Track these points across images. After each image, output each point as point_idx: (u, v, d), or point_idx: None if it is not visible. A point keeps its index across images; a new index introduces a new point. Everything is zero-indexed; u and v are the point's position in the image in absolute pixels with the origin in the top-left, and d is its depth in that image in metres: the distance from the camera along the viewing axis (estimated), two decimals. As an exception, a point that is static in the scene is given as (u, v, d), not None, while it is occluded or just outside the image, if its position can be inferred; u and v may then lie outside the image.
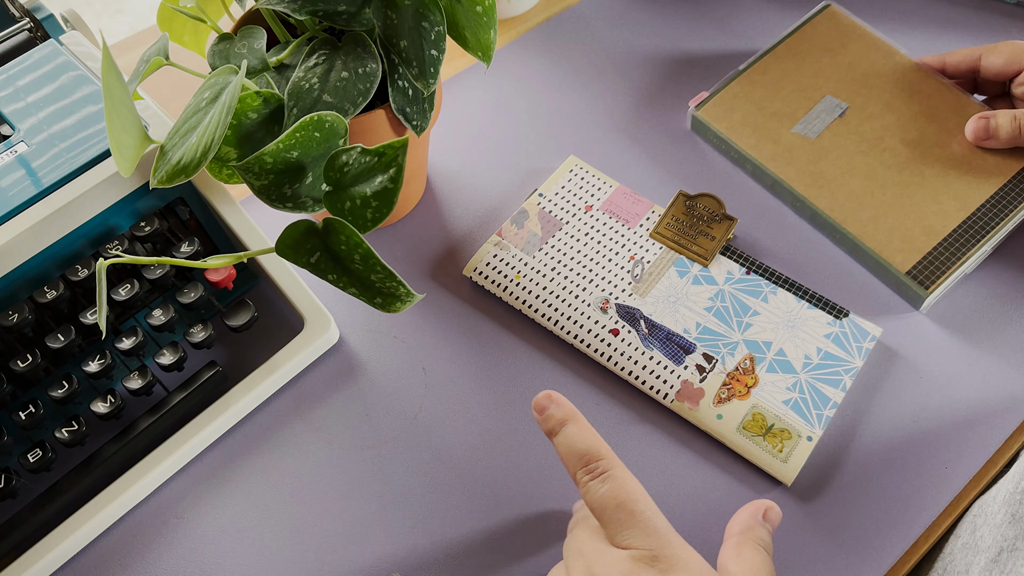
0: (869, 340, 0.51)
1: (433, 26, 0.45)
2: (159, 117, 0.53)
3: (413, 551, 0.47)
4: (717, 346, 0.52)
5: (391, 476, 0.50)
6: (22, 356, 0.48)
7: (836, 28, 0.64)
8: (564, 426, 0.40)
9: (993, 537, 0.42)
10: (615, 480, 0.38)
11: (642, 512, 0.37)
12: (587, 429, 0.40)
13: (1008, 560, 0.40)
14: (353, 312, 0.56)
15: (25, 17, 0.57)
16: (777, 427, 0.49)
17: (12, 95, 0.51)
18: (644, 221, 0.57)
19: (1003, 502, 0.43)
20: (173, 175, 0.43)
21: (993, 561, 0.41)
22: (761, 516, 0.41)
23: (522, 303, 0.54)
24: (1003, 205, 0.55)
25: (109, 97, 0.40)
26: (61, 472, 0.50)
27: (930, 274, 0.53)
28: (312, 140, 0.43)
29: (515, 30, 0.71)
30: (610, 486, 0.38)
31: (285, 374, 0.52)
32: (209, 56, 0.48)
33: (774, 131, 0.60)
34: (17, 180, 0.48)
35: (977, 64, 0.59)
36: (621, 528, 0.37)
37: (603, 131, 0.64)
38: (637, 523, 0.37)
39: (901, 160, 0.57)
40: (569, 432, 0.39)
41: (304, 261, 0.43)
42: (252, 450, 0.51)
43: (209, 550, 0.48)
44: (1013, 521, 0.41)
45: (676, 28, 0.70)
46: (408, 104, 0.48)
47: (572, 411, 0.40)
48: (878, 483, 0.48)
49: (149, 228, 0.51)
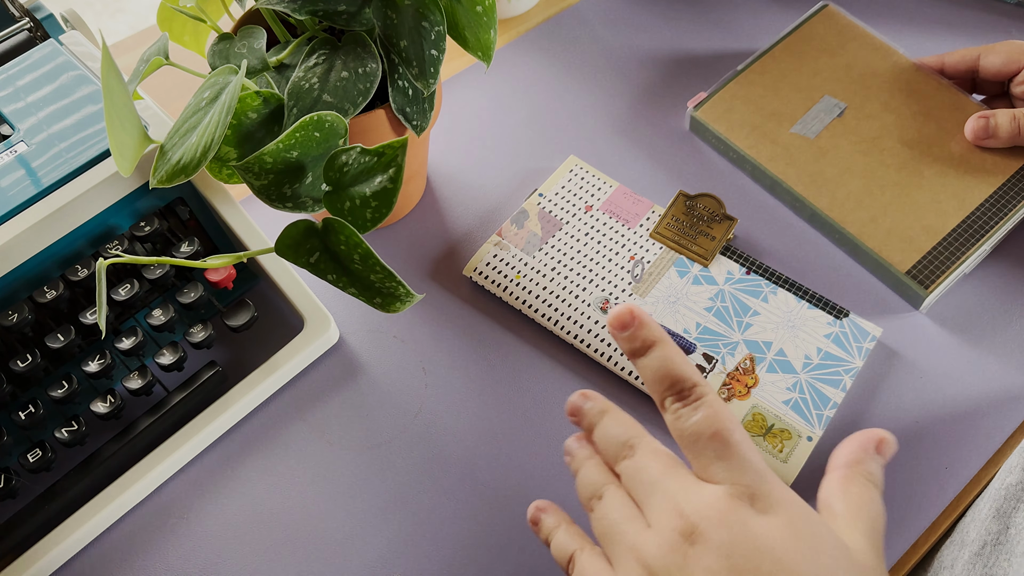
0: (869, 340, 0.51)
1: (433, 26, 0.45)
2: (159, 117, 0.53)
3: (413, 551, 0.47)
4: (717, 346, 0.52)
5: (391, 476, 0.50)
6: (22, 356, 0.48)
7: (834, 28, 0.64)
8: (655, 347, 0.35)
9: (977, 531, 0.42)
10: (711, 407, 0.34)
11: (739, 443, 0.34)
12: (680, 354, 0.36)
13: (991, 554, 0.40)
14: (353, 312, 0.56)
15: (25, 17, 0.57)
16: (777, 427, 0.49)
17: (12, 95, 0.51)
18: (644, 221, 0.57)
19: (989, 497, 0.43)
20: (173, 175, 0.43)
21: (977, 555, 0.41)
22: (874, 448, 0.36)
23: (522, 303, 0.54)
24: (1002, 204, 0.55)
25: (109, 97, 0.40)
26: (61, 472, 0.50)
27: (930, 274, 0.53)
28: (312, 140, 0.43)
29: (515, 30, 0.71)
30: (706, 412, 0.34)
31: (285, 374, 0.52)
32: (209, 56, 0.48)
33: (773, 131, 0.60)
34: (17, 180, 0.48)
35: (976, 64, 0.59)
36: (716, 460, 0.33)
37: (603, 131, 0.64)
38: (734, 455, 0.33)
39: (900, 160, 0.57)
40: (660, 354, 0.35)
41: (304, 261, 0.43)
42: (252, 450, 0.51)
43: (209, 550, 0.48)
44: (997, 516, 0.41)
45: (675, 28, 0.70)
46: (408, 104, 0.48)
47: (664, 335, 0.36)
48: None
49: (149, 228, 0.51)
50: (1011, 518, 0.40)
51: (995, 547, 0.40)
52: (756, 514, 0.32)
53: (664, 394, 0.35)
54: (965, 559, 0.42)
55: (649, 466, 0.35)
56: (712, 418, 0.34)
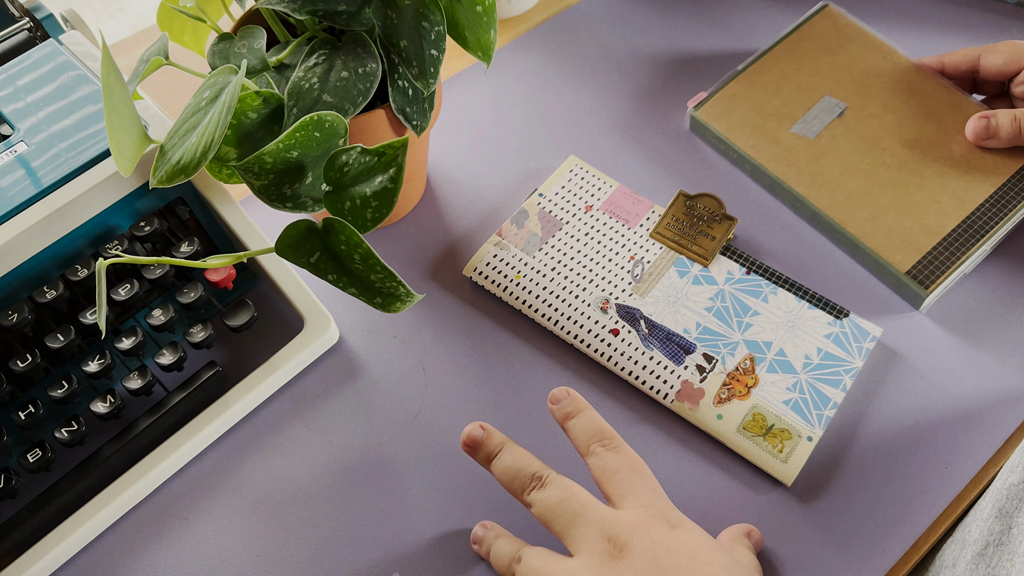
0: (869, 340, 0.51)
1: (433, 26, 0.45)
2: (159, 117, 0.52)
3: (413, 551, 0.47)
4: (717, 346, 0.52)
5: (391, 476, 0.50)
6: (22, 356, 0.48)
7: (834, 28, 0.64)
8: (584, 412, 0.44)
9: (980, 531, 0.42)
10: (628, 451, 0.42)
11: (650, 476, 0.42)
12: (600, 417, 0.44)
13: (994, 554, 0.40)
14: (353, 312, 0.56)
15: (25, 17, 0.57)
16: (777, 427, 0.49)
17: (12, 95, 0.51)
18: (644, 221, 0.57)
19: (991, 497, 0.43)
20: (173, 175, 0.43)
21: (979, 555, 0.41)
22: (745, 535, 0.45)
23: (522, 303, 0.54)
24: (1002, 204, 0.55)
25: (109, 97, 0.40)
26: (61, 472, 0.50)
27: (930, 274, 0.53)
28: (312, 140, 0.43)
29: (515, 30, 0.71)
30: (625, 454, 0.42)
31: (285, 374, 0.52)
32: (209, 56, 0.48)
33: (773, 131, 0.60)
34: (17, 180, 0.48)
35: (976, 64, 0.59)
36: (632, 489, 0.41)
37: (603, 131, 0.64)
38: (647, 485, 0.41)
39: (900, 160, 0.57)
40: (590, 415, 0.44)
41: (304, 261, 0.43)
42: (252, 450, 0.51)
43: (209, 550, 0.48)
44: (1000, 516, 0.41)
45: (675, 28, 0.70)
46: (408, 104, 0.48)
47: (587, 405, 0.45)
48: (878, 483, 0.48)
49: (149, 228, 0.51)
50: (1013, 518, 0.40)
51: (998, 547, 0.40)
52: (670, 528, 0.39)
53: (590, 441, 0.43)
54: (967, 559, 0.42)
55: (573, 496, 0.40)
56: (630, 458, 0.42)
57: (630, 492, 0.40)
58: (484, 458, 0.44)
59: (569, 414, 0.44)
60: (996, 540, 0.41)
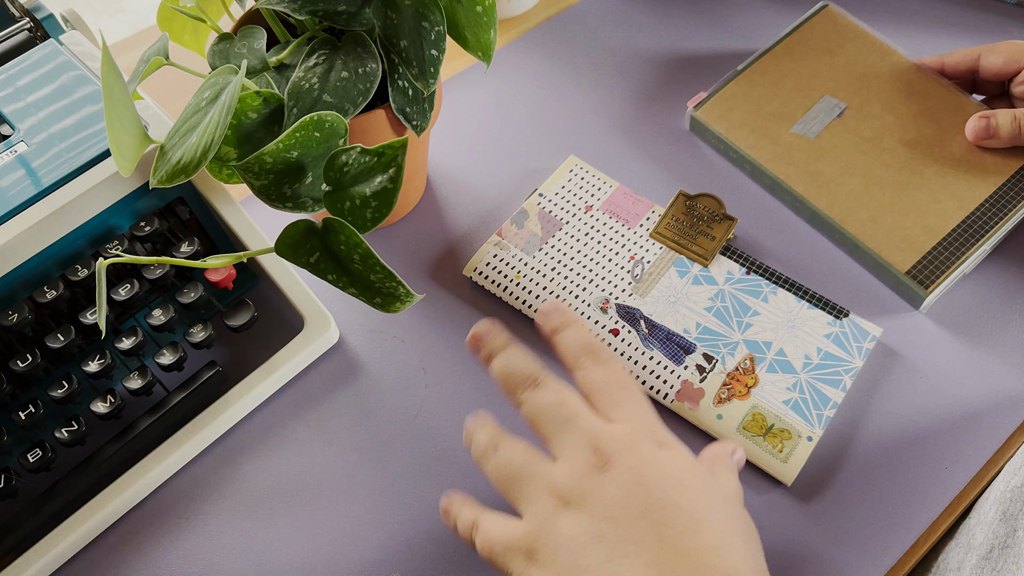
0: (869, 340, 0.51)
1: (433, 26, 0.45)
2: (159, 117, 0.53)
3: (413, 551, 0.47)
4: (717, 346, 0.52)
5: (391, 476, 0.50)
6: (22, 356, 0.48)
7: (834, 28, 0.64)
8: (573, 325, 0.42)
9: (985, 535, 0.42)
10: (617, 366, 0.41)
11: (639, 394, 0.40)
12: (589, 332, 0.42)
13: (1000, 558, 0.40)
14: (353, 312, 0.56)
15: (25, 17, 0.57)
16: (777, 427, 0.49)
17: (12, 95, 0.51)
18: (644, 221, 0.57)
19: (995, 500, 0.43)
20: (173, 175, 0.43)
21: (984, 558, 0.41)
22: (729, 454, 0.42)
23: (522, 303, 0.54)
24: (1002, 204, 0.55)
25: (109, 97, 0.40)
26: (61, 472, 0.50)
27: (930, 274, 0.53)
28: (312, 140, 0.43)
29: (515, 30, 0.71)
30: (615, 367, 0.40)
31: (285, 374, 0.52)
32: (209, 56, 0.48)
33: (773, 131, 0.60)
34: (17, 180, 0.48)
35: (976, 64, 0.59)
36: (620, 404, 0.39)
37: (603, 131, 0.64)
38: (635, 401, 0.39)
39: (900, 160, 0.57)
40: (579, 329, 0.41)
41: (304, 261, 0.43)
42: (252, 450, 0.51)
43: (209, 550, 0.48)
44: (1004, 519, 0.41)
45: (675, 28, 0.70)
46: (408, 104, 0.48)
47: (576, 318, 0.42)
48: (878, 483, 0.48)
49: (149, 228, 0.51)
50: (1018, 521, 0.40)
51: (1003, 550, 0.40)
52: (658, 447, 0.38)
53: (578, 355, 0.41)
54: (973, 563, 0.42)
55: (565, 402, 0.39)
56: (621, 371, 0.40)
57: (619, 407, 0.39)
58: (486, 356, 0.42)
59: (557, 328, 0.42)
60: (1001, 543, 0.41)
